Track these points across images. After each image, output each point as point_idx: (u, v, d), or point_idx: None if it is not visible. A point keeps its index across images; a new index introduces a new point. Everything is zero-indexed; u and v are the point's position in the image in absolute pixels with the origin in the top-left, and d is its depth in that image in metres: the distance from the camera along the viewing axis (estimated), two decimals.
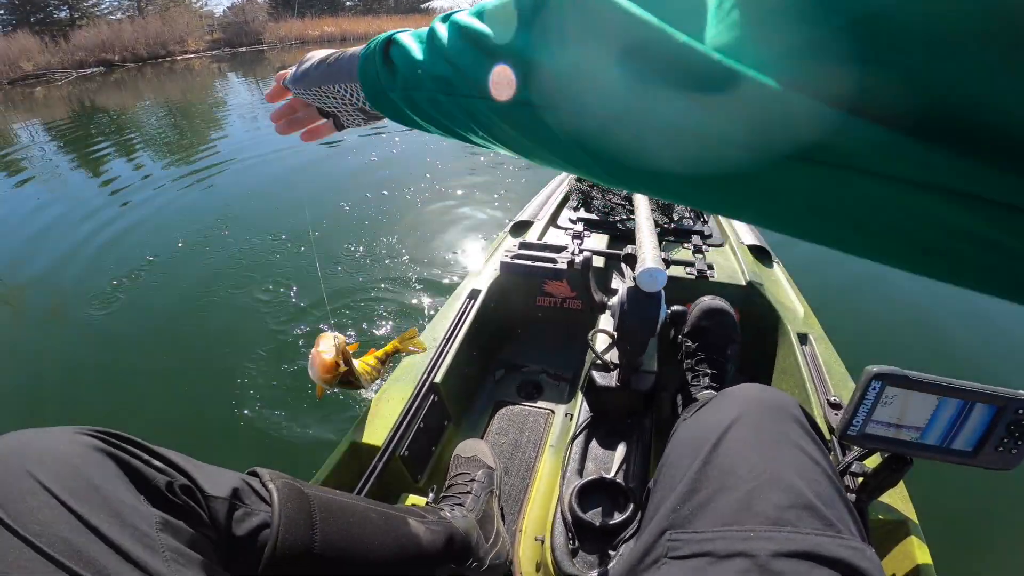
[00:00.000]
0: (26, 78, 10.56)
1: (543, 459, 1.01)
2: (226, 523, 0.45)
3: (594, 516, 0.77)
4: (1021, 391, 0.64)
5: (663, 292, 0.87)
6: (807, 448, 0.50)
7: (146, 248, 2.78)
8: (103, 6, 17.91)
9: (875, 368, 0.64)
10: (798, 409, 0.56)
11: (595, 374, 0.96)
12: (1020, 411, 0.64)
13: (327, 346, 0.76)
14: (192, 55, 15.36)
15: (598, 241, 1.40)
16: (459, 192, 3.43)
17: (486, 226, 2.94)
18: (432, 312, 2.07)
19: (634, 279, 0.86)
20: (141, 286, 2.44)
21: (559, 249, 1.24)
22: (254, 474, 0.52)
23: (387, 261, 2.52)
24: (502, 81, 0.26)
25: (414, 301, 2.18)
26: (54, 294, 2.45)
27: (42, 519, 0.33)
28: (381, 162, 4.22)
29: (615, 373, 0.96)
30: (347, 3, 27.00)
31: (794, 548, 0.40)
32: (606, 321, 1.03)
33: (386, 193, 3.42)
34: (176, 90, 9.08)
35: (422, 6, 29.45)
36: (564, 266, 1.14)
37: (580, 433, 0.93)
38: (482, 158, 4.46)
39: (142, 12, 17.94)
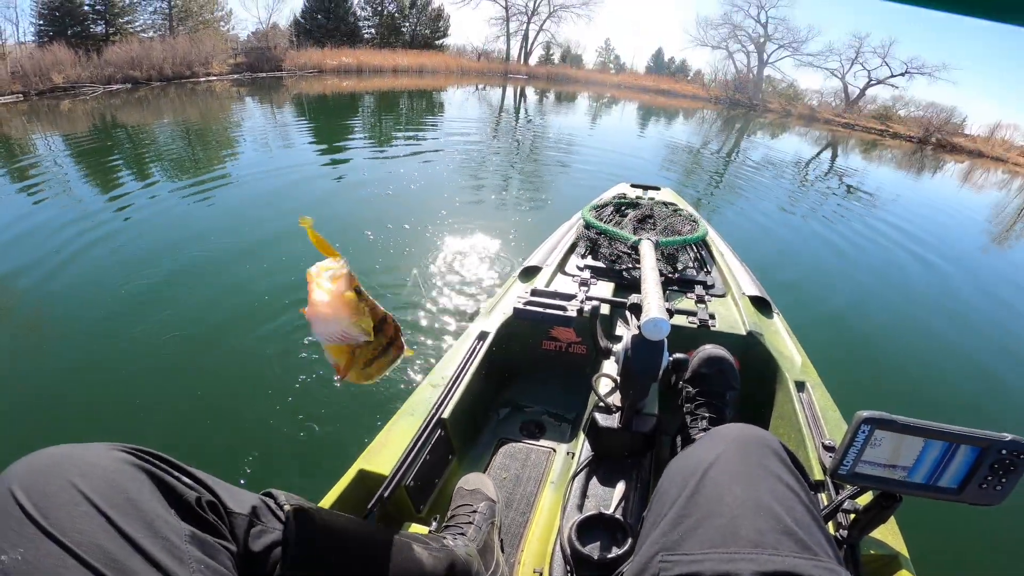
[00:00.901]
0: (54, 90, 10.85)
1: (544, 495, 1.04)
2: (244, 538, 0.49)
3: (592, 550, 0.78)
4: (1004, 434, 0.69)
5: (666, 340, 0.93)
6: (785, 478, 0.55)
7: (143, 265, 2.82)
8: (137, 24, 18.60)
9: (865, 413, 0.69)
10: (778, 444, 0.61)
11: (598, 415, 1.00)
12: (1003, 452, 0.68)
13: (331, 274, 0.51)
14: (215, 77, 15.82)
15: (604, 289, 1.46)
16: (472, 232, 3.50)
17: (497, 266, 3.01)
18: (441, 350, 2.12)
19: (639, 327, 0.91)
20: (141, 299, 2.48)
21: (569, 297, 1.29)
22: (270, 495, 0.56)
23: (401, 294, 2.57)
24: None
25: (423, 338, 2.22)
26: (44, 304, 2.46)
27: (82, 528, 0.36)
28: (397, 195, 4.34)
29: (617, 415, 0.99)
30: (365, 35, 28.02)
31: (774, 569, 0.43)
32: (610, 366, 1.08)
33: (406, 227, 3.51)
34: (195, 111, 9.34)
35: (436, 42, 30.56)
36: (573, 314, 1.19)
37: (581, 471, 0.96)
38: (494, 196, 4.58)
39: (173, 32, 18.60)
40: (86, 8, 16.73)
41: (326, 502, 0.87)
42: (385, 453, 0.96)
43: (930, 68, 30.28)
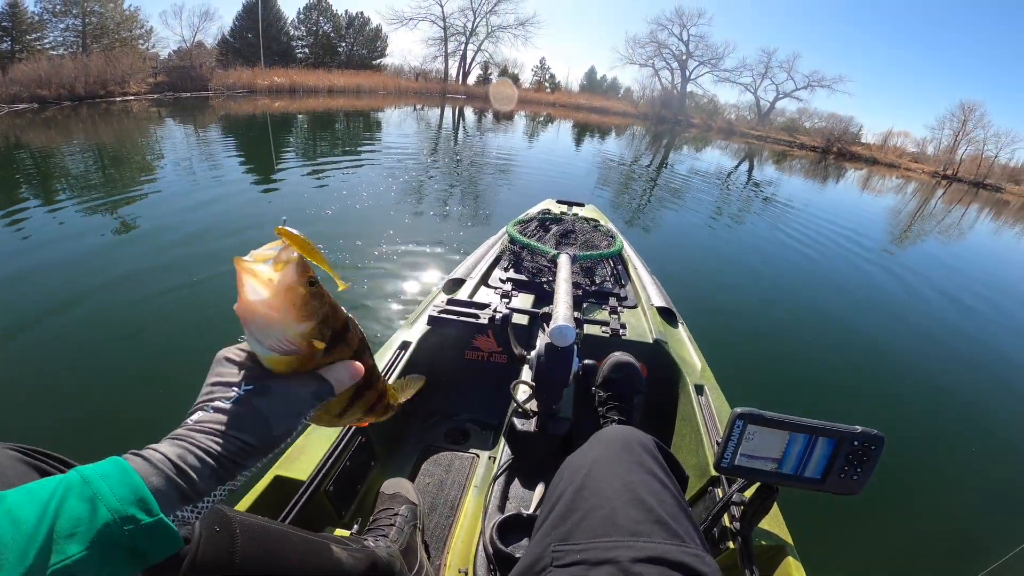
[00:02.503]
0: None
1: (467, 498, 1.07)
2: None
3: (515, 549, 0.82)
4: (856, 426, 0.77)
5: (576, 347, 0.98)
6: (658, 474, 0.62)
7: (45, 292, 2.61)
8: (47, 41, 17.28)
9: (738, 409, 0.76)
10: (651, 443, 0.68)
11: (515, 420, 1.05)
12: (855, 443, 0.77)
13: (275, 259, 0.37)
14: (132, 97, 14.91)
15: (524, 300, 1.51)
16: (408, 247, 3.50)
17: (430, 278, 3.02)
18: None
19: (548, 335, 0.96)
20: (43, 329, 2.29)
21: (483, 306, 1.34)
22: None
23: None
24: None
25: None
26: None
27: None
28: (337, 216, 4.25)
29: (534, 420, 1.04)
30: (298, 55, 27.41)
31: (648, 554, 0.49)
32: (527, 373, 1.13)
33: (340, 242, 3.45)
34: (110, 132, 8.76)
35: (373, 62, 30.37)
36: (486, 321, 1.23)
37: (501, 474, 1.00)
38: (432, 212, 4.60)
39: (86, 49, 17.42)
40: None
41: (240, 508, 0.84)
42: (303, 459, 0.94)
43: (829, 80, 33.58)
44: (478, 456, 1.22)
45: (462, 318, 1.24)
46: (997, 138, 31.05)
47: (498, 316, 1.09)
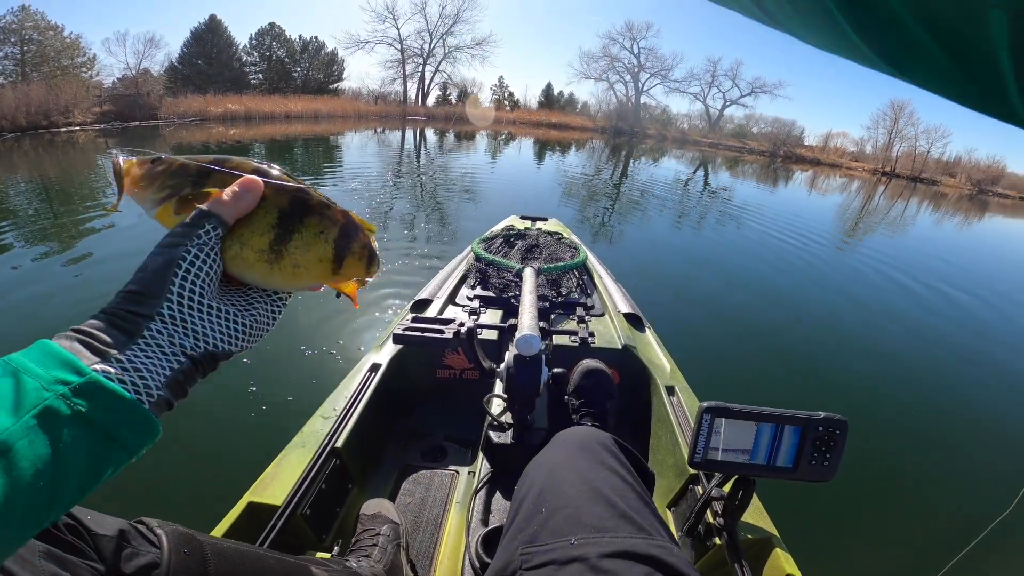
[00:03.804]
0: None
1: (450, 515, 1.07)
2: (114, 560, 0.46)
3: None
4: (819, 412, 0.80)
5: (544, 356, 0.99)
6: (618, 470, 0.63)
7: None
8: None
9: (705, 404, 0.78)
10: (610, 441, 0.70)
11: (491, 433, 1.05)
12: (820, 428, 0.80)
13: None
14: (78, 127, 14.35)
15: (493, 316, 1.52)
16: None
17: (397, 300, 2.99)
18: (333, 383, 2.05)
19: (515, 345, 0.97)
20: None
21: (448, 322, 1.34)
22: (141, 522, 0.53)
23: (298, 331, 2.47)
24: None
25: (313, 379, 2.14)
26: None
27: None
28: None
29: (510, 432, 1.05)
30: (252, 81, 27.03)
31: (616, 549, 0.50)
32: (499, 386, 1.13)
33: None
34: (55, 165, 8.38)
35: (330, 87, 30.23)
36: (451, 336, 1.24)
37: (482, 487, 0.99)
38: (397, 234, 4.57)
39: (26, 79, 16.71)
40: None
41: (214, 535, 0.81)
42: (276, 485, 0.93)
43: (770, 86, 35.43)
44: (457, 472, 1.21)
45: (428, 334, 1.24)
46: (928, 134, 33.37)
47: (463, 330, 1.10)
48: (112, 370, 0.29)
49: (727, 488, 0.87)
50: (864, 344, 3.28)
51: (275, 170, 0.39)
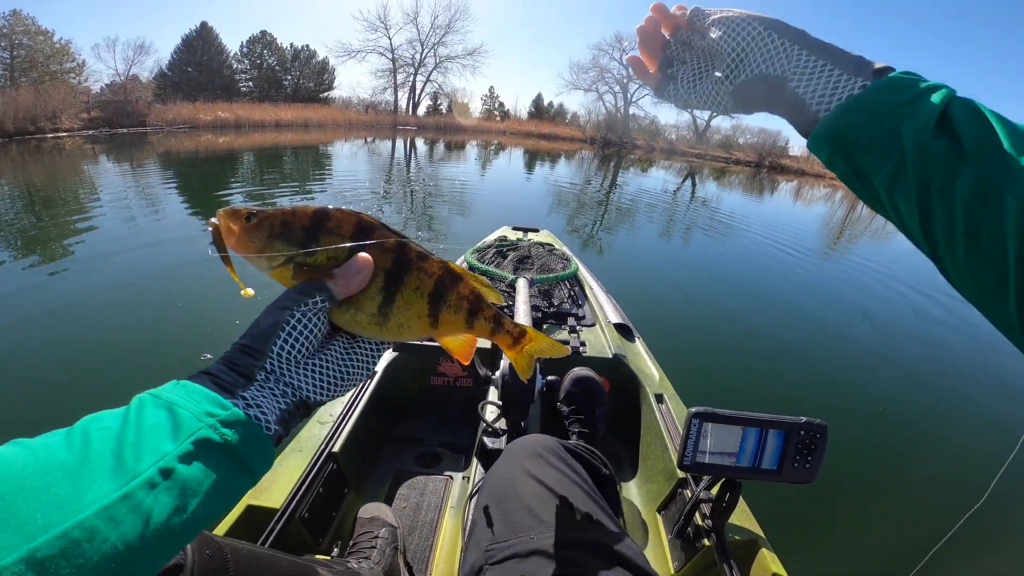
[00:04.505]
0: None
1: (445, 519, 1.09)
2: None
3: None
4: (801, 417, 0.84)
5: (538, 364, 1.03)
6: (564, 471, 0.70)
7: None
8: None
9: (694, 409, 0.82)
10: (555, 444, 0.77)
11: (486, 439, 1.08)
12: (802, 432, 0.84)
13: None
14: (65, 133, 14.19)
15: None
16: None
17: None
18: None
19: None
20: None
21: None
22: None
23: None
24: None
25: None
26: None
27: None
28: None
29: (503, 438, 1.08)
30: (242, 88, 26.95)
31: (570, 540, 0.56)
32: (493, 393, 1.16)
33: None
34: (41, 171, 8.27)
35: (321, 95, 30.23)
36: None
37: (477, 492, 1.02)
38: None
39: (14, 83, 16.52)
40: None
41: None
42: (274, 489, 0.95)
43: None
44: (452, 478, 1.24)
45: (424, 342, 1.27)
46: None
47: None
48: (241, 405, 0.32)
49: (715, 491, 0.90)
50: (844, 348, 3.37)
51: (373, 221, 0.39)
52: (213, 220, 0.37)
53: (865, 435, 2.32)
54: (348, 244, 0.38)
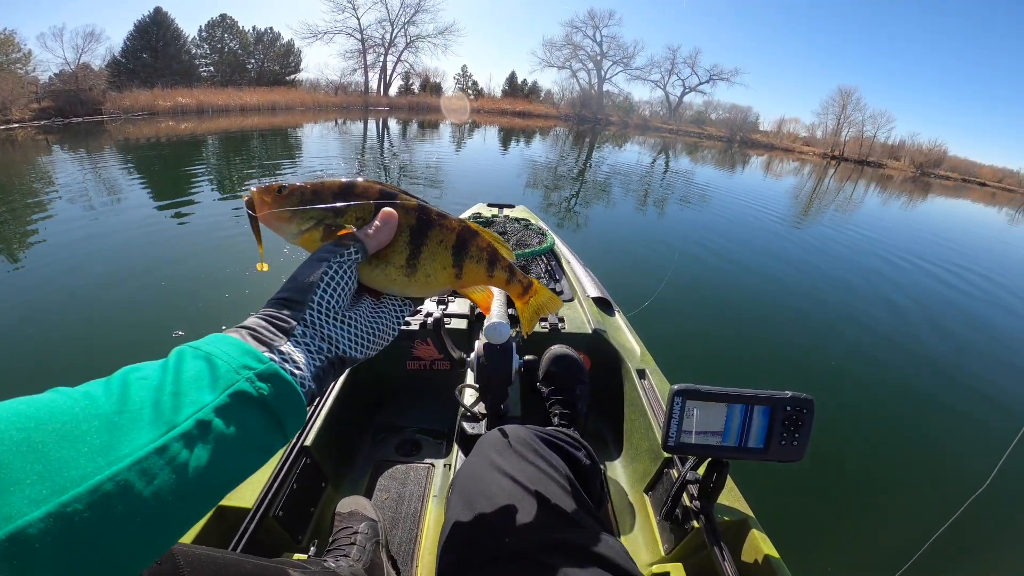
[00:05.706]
0: None
1: (428, 509, 1.04)
2: None
3: None
4: (786, 391, 0.80)
5: (514, 344, 0.97)
6: (539, 464, 0.65)
7: None
8: None
9: (676, 386, 0.77)
10: (528, 434, 0.71)
11: (465, 424, 1.03)
12: (788, 408, 0.79)
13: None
14: (16, 125, 13.46)
15: (462, 305, 1.48)
16: None
17: None
18: None
19: (484, 333, 0.94)
20: None
21: (414, 312, 1.30)
22: None
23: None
24: None
25: None
26: None
27: None
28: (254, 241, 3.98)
29: (484, 422, 1.02)
30: (203, 73, 25.82)
31: (550, 542, 0.53)
32: (470, 376, 1.10)
33: (275, 270, 3.23)
34: None
35: (287, 78, 29.18)
36: (417, 327, 1.20)
37: (451, 487, 0.96)
38: None
39: None
40: None
41: (183, 541, 0.77)
42: (245, 486, 0.88)
43: (727, 74, 36.25)
44: (433, 465, 1.19)
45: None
46: (874, 119, 34.90)
47: (430, 320, 1.06)
48: (278, 360, 0.31)
49: (702, 471, 0.87)
50: (832, 320, 3.35)
51: (394, 189, 0.43)
52: (247, 193, 0.40)
53: (856, 412, 2.26)
54: (373, 202, 0.41)
